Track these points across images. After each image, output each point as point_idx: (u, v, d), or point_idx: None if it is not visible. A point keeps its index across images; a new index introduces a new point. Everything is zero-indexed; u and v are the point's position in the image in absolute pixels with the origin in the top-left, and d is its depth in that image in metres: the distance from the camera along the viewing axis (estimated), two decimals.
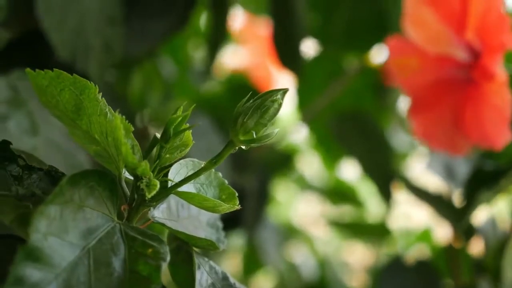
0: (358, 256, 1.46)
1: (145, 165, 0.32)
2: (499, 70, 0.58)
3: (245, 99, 0.34)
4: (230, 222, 0.93)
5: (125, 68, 0.78)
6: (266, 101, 0.33)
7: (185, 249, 0.37)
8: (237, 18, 1.17)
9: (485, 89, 0.60)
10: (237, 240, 1.18)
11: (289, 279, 1.22)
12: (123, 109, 0.78)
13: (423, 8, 0.63)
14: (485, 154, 0.79)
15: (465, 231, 0.80)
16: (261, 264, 1.19)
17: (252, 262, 1.21)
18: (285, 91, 0.34)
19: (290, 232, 1.29)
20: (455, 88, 0.64)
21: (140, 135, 0.72)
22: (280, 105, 0.33)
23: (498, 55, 0.58)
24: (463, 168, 0.85)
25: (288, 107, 1.19)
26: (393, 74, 0.68)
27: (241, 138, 0.33)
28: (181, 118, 0.34)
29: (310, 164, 1.35)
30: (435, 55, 0.64)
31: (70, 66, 0.62)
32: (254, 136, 0.33)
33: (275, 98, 0.33)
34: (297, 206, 1.57)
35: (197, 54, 1.11)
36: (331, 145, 1.06)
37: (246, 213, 0.94)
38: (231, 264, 1.29)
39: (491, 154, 0.79)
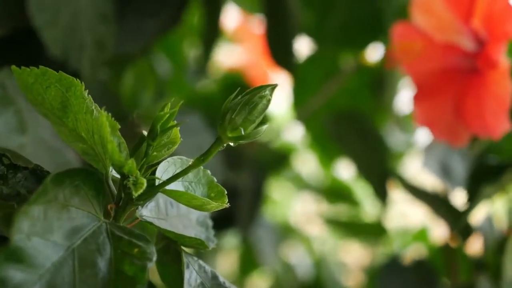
0: (354, 256, 1.45)
1: (131, 163, 0.32)
2: (502, 59, 0.57)
3: (233, 95, 0.33)
4: (224, 221, 0.93)
5: (118, 66, 0.77)
6: (254, 97, 0.33)
7: (174, 248, 0.36)
8: (233, 17, 1.17)
9: (487, 79, 0.60)
10: (233, 240, 1.18)
11: (284, 278, 1.22)
12: (116, 107, 0.77)
13: None
14: (487, 148, 0.79)
15: (462, 230, 0.80)
16: (257, 264, 1.18)
17: (248, 262, 1.21)
18: (273, 87, 0.33)
19: (286, 231, 1.29)
20: (459, 77, 0.64)
21: (132, 133, 0.72)
22: (268, 101, 0.33)
23: (502, 44, 0.58)
24: (459, 167, 0.85)
25: (284, 106, 1.19)
26: (398, 58, 0.68)
27: (229, 134, 0.33)
28: (168, 115, 0.33)
29: (306, 163, 1.34)
30: (442, 42, 0.63)
31: (62, 64, 0.61)
32: (242, 132, 0.32)
33: (263, 94, 0.33)
34: (294, 205, 1.56)
35: (193, 52, 1.11)
36: (327, 144, 1.05)
37: (240, 212, 0.94)
38: (227, 263, 1.29)
39: (493, 148, 0.79)
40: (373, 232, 1.15)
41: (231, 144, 0.33)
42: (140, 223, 0.36)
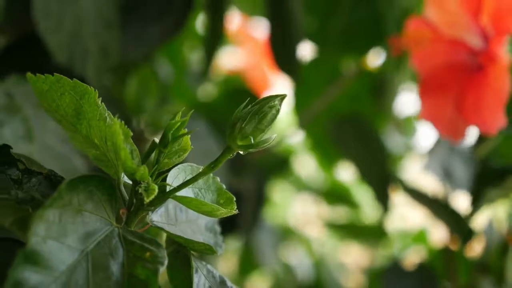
0: (354, 257, 1.46)
1: (143, 170, 0.32)
2: (503, 53, 0.58)
3: (243, 104, 0.34)
4: (226, 225, 0.93)
5: (121, 71, 0.78)
6: (264, 107, 0.33)
7: (183, 253, 0.37)
8: (234, 19, 1.18)
9: (488, 74, 0.60)
10: (233, 241, 1.18)
11: (284, 280, 1.22)
12: (120, 113, 0.78)
13: None
14: (492, 153, 0.80)
15: (464, 233, 0.81)
16: (257, 265, 1.19)
17: (248, 263, 1.22)
18: (283, 97, 0.34)
19: (286, 233, 1.30)
20: (464, 73, 0.64)
21: (137, 139, 0.72)
22: (278, 111, 0.34)
23: (504, 38, 0.58)
24: (460, 170, 0.86)
25: (286, 110, 1.20)
26: (406, 44, 0.69)
27: (239, 143, 0.34)
28: (179, 123, 0.34)
29: (307, 165, 1.35)
30: (450, 38, 0.64)
31: (67, 71, 0.62)
32: (252, 141, 0.33)
33: (273, 104, 0.34)
34: (294, 206, 1.57)
35: (194, 56, 1.12)
36: (328, 148, 1.06)
37: (243, 215, 0.95)
38: (227, 264, 1.29)
39: (498, 153, 0.79)
40: (373, 234, 1.16)
41: (241, 152, 0.34)
42: (148, 228, 0.37)
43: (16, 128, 0.52)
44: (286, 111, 1.21)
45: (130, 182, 0.35)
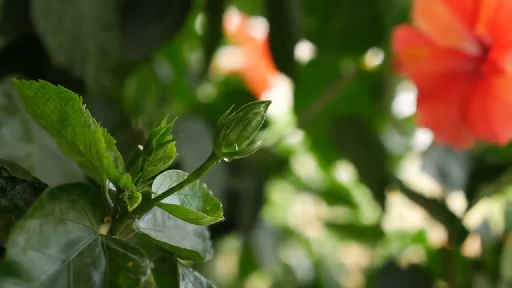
0: (353, 257, 1.46)
1: (127, 178, 0.32)
2: (509, 66, 0.58)
3: (227, 111, 0.34)
4: (226, 225, 0.93)
5: (121, 72, 0.78)
6: (248, 114, 0.33)
7: (169, 260, 0.37)
8: (233, 20, 1.17)
9: (493, 84, 0.60)
10: (233, 241, 1.18)
11: (284, 280, 1.22)
12: (119, 113, 0.78)
13: (434, 0, 0.63)
14: (488, 148, 0.80)
15: (459, 232, 0.80)
16: (257, 266, 1.19)
17: (248, 264, 1.21)
18: (267, 103, 0.34)
19: (285, 233, 1.29)
20: (463, 80, 0.64)
21: (136, 140, 0.72)
22: (262, 117, 0.33)
23: (509, 51, 0.58)
24: (456, 170, 0.85)
25: (285, 110, 1.19)
26: (402, 63, 0.68)
27: (223, 150, 0.33)
28: (164, 130, 0.34)
29: (306, 166, 1.35)
30: (444, 47, 0.63)
31: (67, 71, 0.62)
32: (236, 148, 0.33)
33: (257, 110, 0.33)
34: (293, 207, 1.57)
35: (193, 56, 1.11)
36: (327, 148, 1.06)
37: (242, 216, 0.94)
38: (226, 265, 1.29)
39: (493, 148, 0.79)
40: (371, 234, 1.16)
41: (226, 159, 0.34)
42: (138, 234, 0.37)
43: (15, 129, 0.52)
44: (285, 112, 1.21)
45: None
